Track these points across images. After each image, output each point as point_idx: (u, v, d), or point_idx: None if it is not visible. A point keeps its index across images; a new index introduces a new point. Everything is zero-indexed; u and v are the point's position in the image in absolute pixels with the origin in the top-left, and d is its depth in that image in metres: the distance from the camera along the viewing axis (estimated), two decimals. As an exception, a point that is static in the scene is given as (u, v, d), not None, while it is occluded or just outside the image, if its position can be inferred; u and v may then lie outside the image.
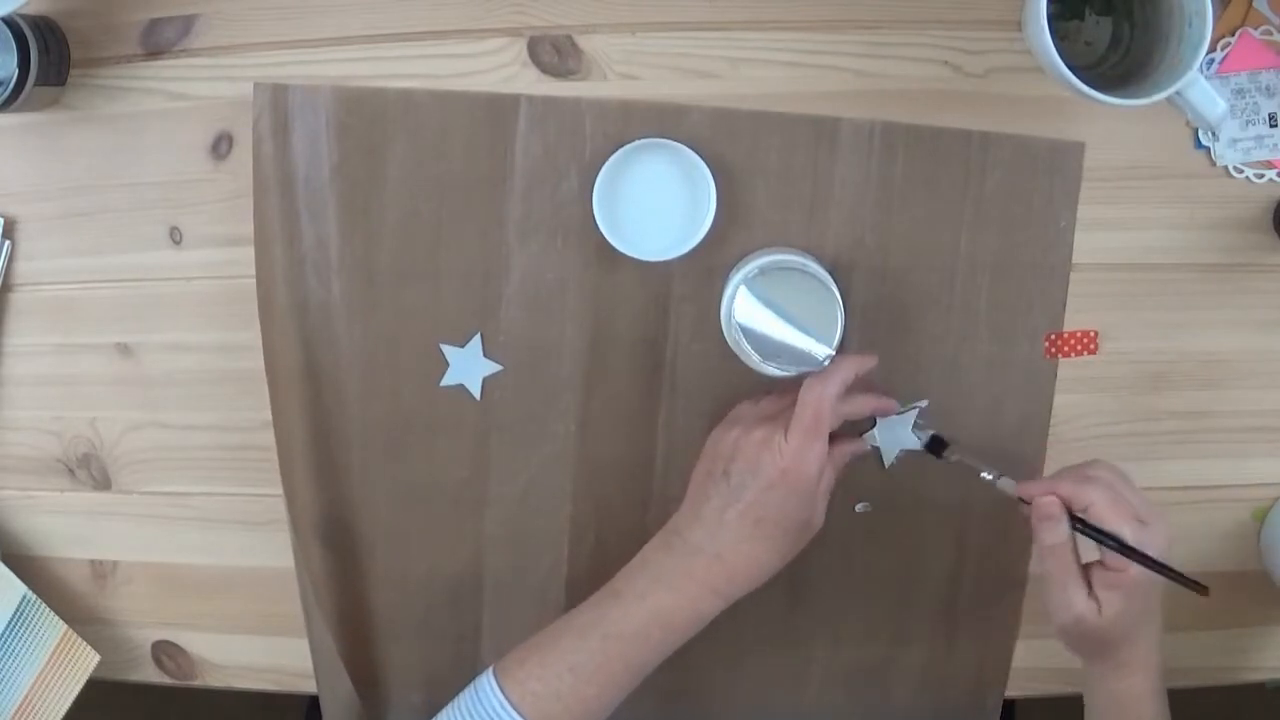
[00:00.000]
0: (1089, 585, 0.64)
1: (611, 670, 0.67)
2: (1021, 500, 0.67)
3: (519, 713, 0.65)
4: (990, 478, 0.68)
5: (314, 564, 0.78)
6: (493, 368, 0.75)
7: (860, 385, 0.69)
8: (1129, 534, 0.62)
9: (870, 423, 0.74)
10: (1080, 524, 0.64)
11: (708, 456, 0.70)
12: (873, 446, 0.75)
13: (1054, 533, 0.64)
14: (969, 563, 0.77)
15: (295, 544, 0.77)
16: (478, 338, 0.75)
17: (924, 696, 0.81)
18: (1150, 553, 0.62)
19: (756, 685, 0.80)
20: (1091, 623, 0.64)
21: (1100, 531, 0.63)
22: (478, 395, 0.76)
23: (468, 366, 0.75)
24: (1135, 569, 0.62)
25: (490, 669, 0.68)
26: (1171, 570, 0.63)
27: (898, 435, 0.75)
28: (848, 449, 0.71)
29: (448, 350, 0.75)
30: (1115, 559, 0.63)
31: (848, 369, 0.67)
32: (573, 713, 0.66)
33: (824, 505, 0.68)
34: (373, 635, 0.80)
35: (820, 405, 0.65)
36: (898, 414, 0.74)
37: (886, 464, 0.76)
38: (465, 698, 0.68)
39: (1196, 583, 0.63)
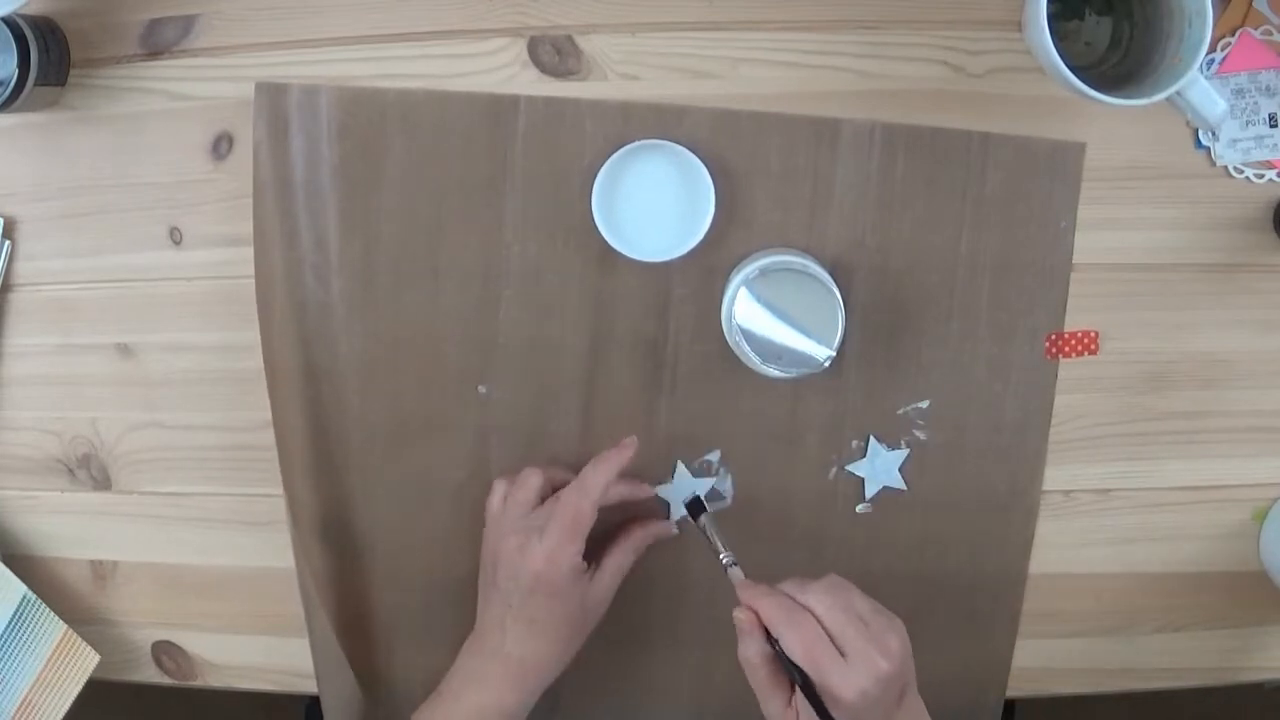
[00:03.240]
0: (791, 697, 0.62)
1: None
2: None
3: None
4: (724, 562, 0.69)
5: (314, 564, 0.78)
6: (719, 503, 0.77)
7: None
8: (818, 672, 0.60)
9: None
10: (772, 643, 0.62)
11: (482, 567, 0.74)
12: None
13: (746, 646, 0.63)
14: (969, 563, 0.77)
15: (295, 544, 0.77)
16: (710, 483, 0.76)
17: (924, 696, 0.81)
18: (841, 692, 0.59)
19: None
20: None
21: (784, 661, 0.61)
22: (672, 517, 0.77)
23: (684, 491, 0.77)
24: (849, 693, 0.59)
25: None
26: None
27: (881, 471, 0.76)
28: (651, 531, 0.75)
29: (680, 470, 0.76)
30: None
31: (608, 474, 0.70)
32: None
33: (606, 591, 0.72)
34: (373, 635, 0.80)
35: (579, 511, 0.69)
36: (696, 478, 0.77)
37: (868, 495, 0.77)
38: None
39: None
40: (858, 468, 0.76)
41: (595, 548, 0.72)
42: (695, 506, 0.73)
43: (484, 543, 0.73)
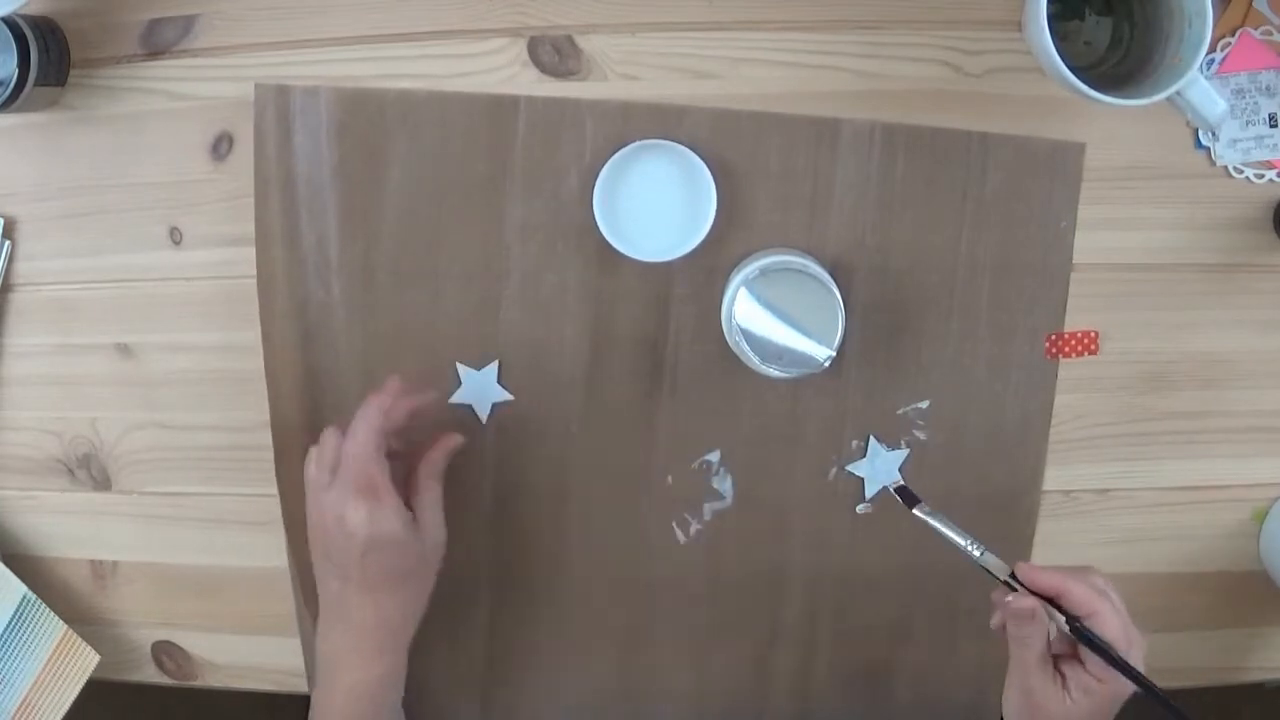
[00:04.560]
0: (1058, 674, 0.61)
1: None
2: (1005, 581, 0.62)
3: None
4: (975, 552, 0.63)
5: (307, 565, 0.78)
6: (504, 396, 0.76)
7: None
8: (1123, 649, 0.60)
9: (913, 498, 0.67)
10: (1074, 623, 0.60)
11: (310, 540, 0.70)
12: (857, 476, 0.76)
13: (1027, 630, 0.61)
14: (969, 563, 0.77)
15: (289, 545, 0.77)
16: (494, 365, 0.75)
17: (924, 696, 0.81)
18: (1137, 659, 0.60)
19: (758, 685, 0.80)
20: (1052, 711, 0.61)
21: (1097, 642, 0.60)
22: (484, 419, 0.76)
23: (480, 390, 0.76)
24: (1119, 685, 0.60)
25: None
26: (1164, 698, 0.59)
27: (880, 476, 0.76)
28: (442, 450, 0.71)
29: (463, 370, 0.75)
30: (1101, 669, 0.60)
31: (370, 414, 0.67)
32: None
33: (434, 530, 0.69)
34: (373, 635, 0.80)
35: (362, 464, 0.66)
36: (889, 450, 0.75)
37: (868, 495, 0.76)
38: None
39: (1178, 710, 0.59)
40: (858, 468, 0.76)
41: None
42: (907, 496, 0.66)
43: (308, 514, 0.70)
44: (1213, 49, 0.71)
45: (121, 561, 0.81)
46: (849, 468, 0.76)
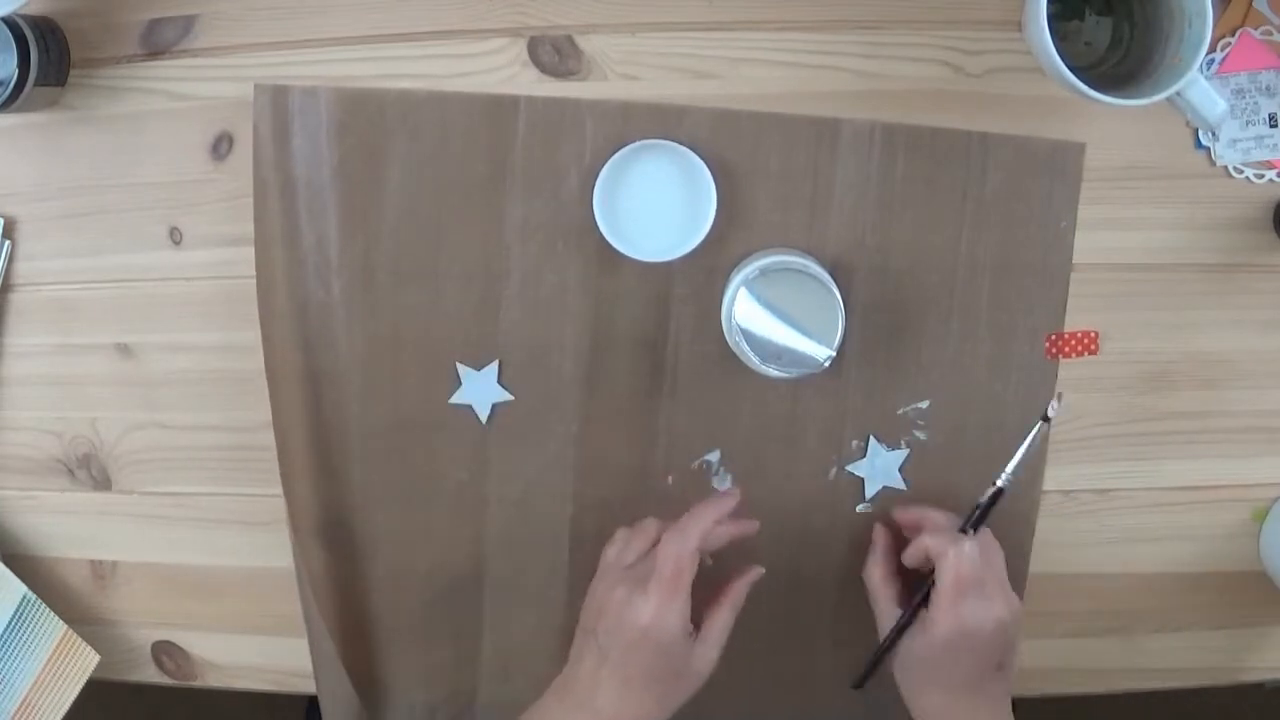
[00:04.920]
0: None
1: None
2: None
3: None
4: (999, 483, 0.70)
5: (314, 564, 0.78)
6: (504, 396, 0.76)
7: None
8: (960, 594, 0.67)
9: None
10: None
11: (584, 612, 0.71)
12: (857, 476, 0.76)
13: (872, 564, 0.73)
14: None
15: (295, 544, 0.77)
16: (494, 365, 0.75)
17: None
18: (980, 619, 0.66)
19: (756, 686, 0.80)
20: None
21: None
22: (484, 420, 0.76)
23: (480, 390, 0.76)
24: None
25: None
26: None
27: (880, 474, 0.76)
28: (747, 581, 0.71)
29: (463, 370, 0.75)
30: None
31: (705, 519, 0.68)
32: None
33: (713, 652, 0.68)
34: (373, 635, 0.80)
35: (680, 562, 0.66)
36: (890, 451, 0.76)
37: (868, 495, 0.76)
38: None
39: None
40: (858, 468, 0.76)
41: (697, 604, 0.69)
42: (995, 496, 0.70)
43: (591, 589, 0.71)
44: (1213, 49, 0.71)
45: (121, 561, 0.81)
46: (849, 468, 0.76)
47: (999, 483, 0.69)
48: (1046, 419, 0.69)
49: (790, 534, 0.77)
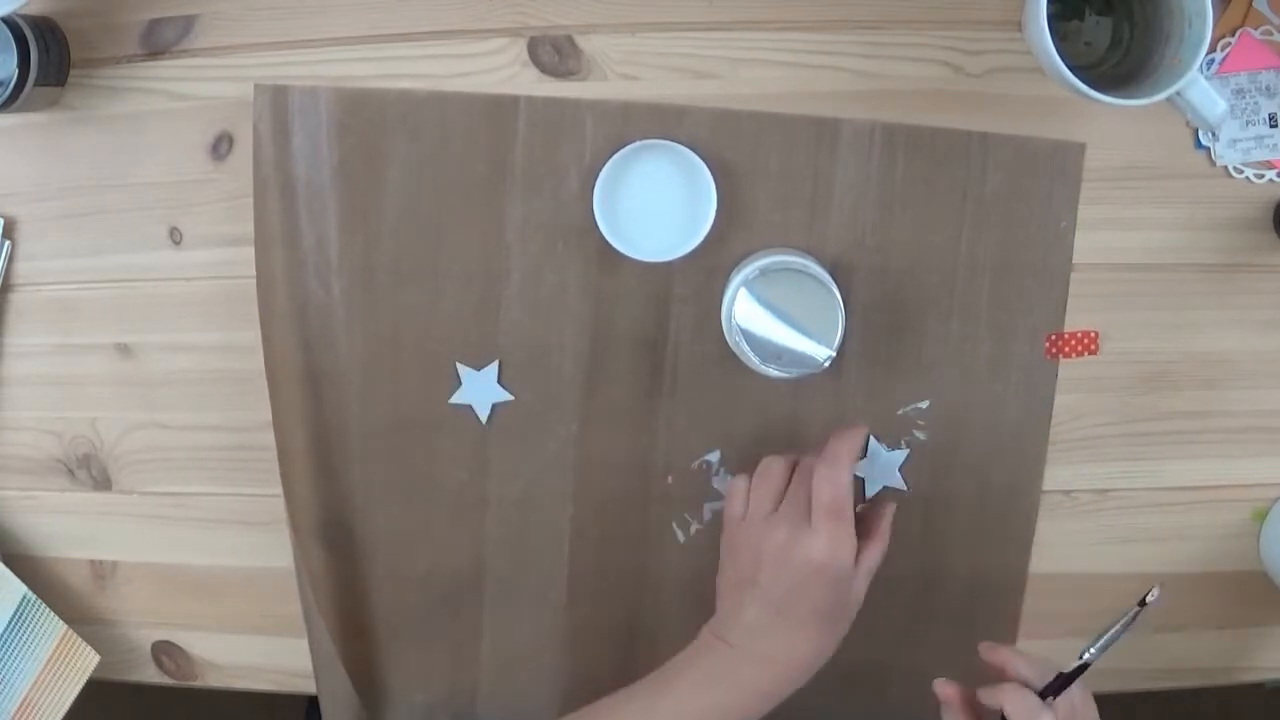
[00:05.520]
0: None
1: None
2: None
3: None
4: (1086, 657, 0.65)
5: (314, 564, 0.78)
6: (504, 396, 0.76)
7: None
8: None
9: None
10: None
11: (730, 566, 0.68)
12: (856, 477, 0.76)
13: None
14: (969, 563, 0.77)
15: (295, 544, 0.77)
16: (494, 365, 0.75)
17: (925, 697, 0.81)
18: None
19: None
20: None
21: None
22: (484, 419, 0.76)
23: (480, 390, 0.76)
24: None
25: None
26: None
27: (881, 473, 0.76)
28: (887, 527, 0.69)
29: (463, 370, 0.75)
30: None
31: (853, 444, 0.66)
32: None
33: (864, 583, 0.67)
34: (373, 635, 0.80)
35: (840, 490, 0.64)
36: (890, 452, 0.76)
37: (867, 495, 0.76)
38: None
39: None
40: (857, 468, 0.76)
41: None
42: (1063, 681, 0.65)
43: (731, 545, 0.68)
44: (1213, 49, 0.71)
45: (121, 561, 0.81)
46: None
47: (1085, 657, 0.65)
48: (1143, 604, 0.64)
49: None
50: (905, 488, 0.76)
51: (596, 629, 0.80)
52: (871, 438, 0.76)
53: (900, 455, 0.76)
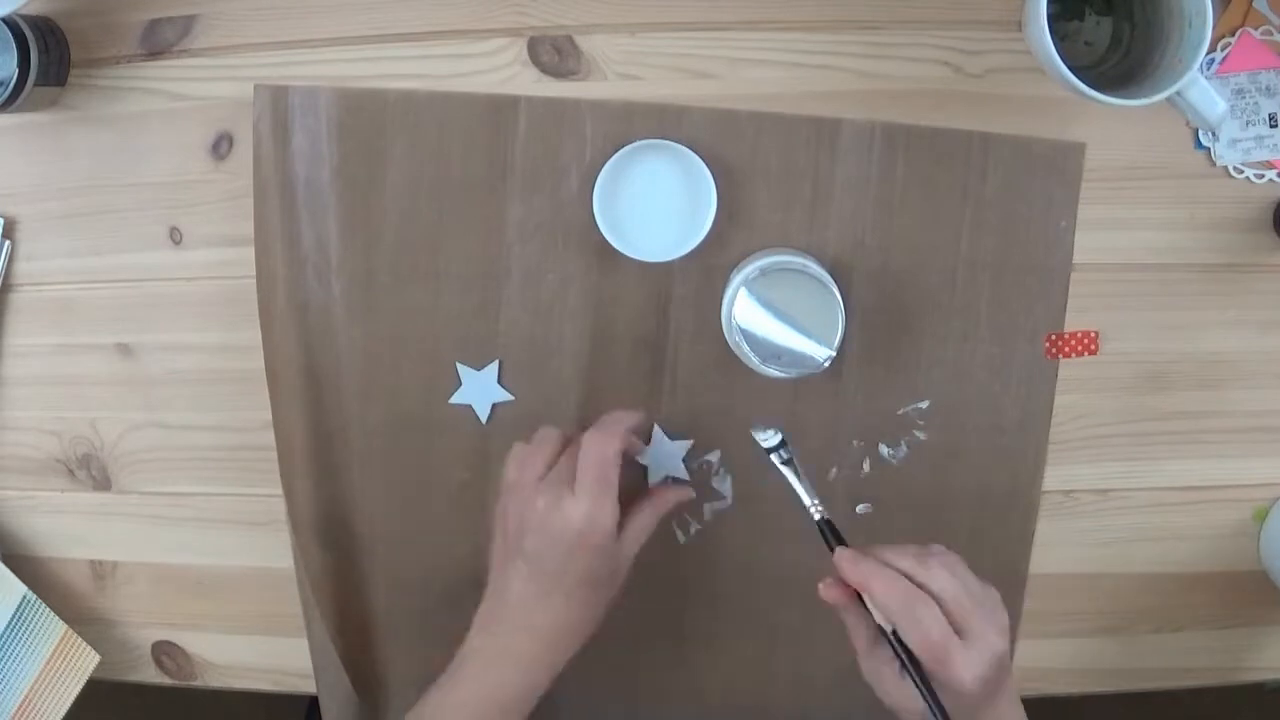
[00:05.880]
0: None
1: None
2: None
3: None
4: (816, 517, 0.63)
5: (313, 564, 0.78)
6: (504, 396, 0.76)
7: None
8: (940, 662, 0.57)
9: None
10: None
11: (499, 535, 0.69)
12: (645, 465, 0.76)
13: (853, 622, 0.61)
14: (969, 563, 0.77)
15: (295, 544, 0.77)
16: (495, 365, 0.75)
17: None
18: (961, 679, 0.56)
19: (758, 685, 0.81)
20: (890, 690, 0.60)
21: (896, 651, 0.58)
22: (484, 419, 0.76)
23: (480, 390, 0.75)
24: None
25: None
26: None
27: (664, 461, 0.76)
28: (672, 497, 0.71)
29: (463, 370, 0.75)
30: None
31: (624, 421, 0.68)
32: None
33: (631, 549, 0.67)
34: (372, 635, 0.80)
35: (605, 459, 0.65)
36: (673, 440, 0.76)
37: (650, 483, 0.76)
38: None
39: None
40: (641, 455, 0.75)
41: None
42: (779, 446, 0.66)
43: (502, 512, 0.68)
44: (1213, 49, 0.71)
45: (121, 561, 0.81)
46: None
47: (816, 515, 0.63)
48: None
49: (790, 534, 0.77)
50: (687, 477, 0.76)
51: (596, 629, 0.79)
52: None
53: (684, 446, 0.76)
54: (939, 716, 0.57)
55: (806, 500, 0.64)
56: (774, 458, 0.66)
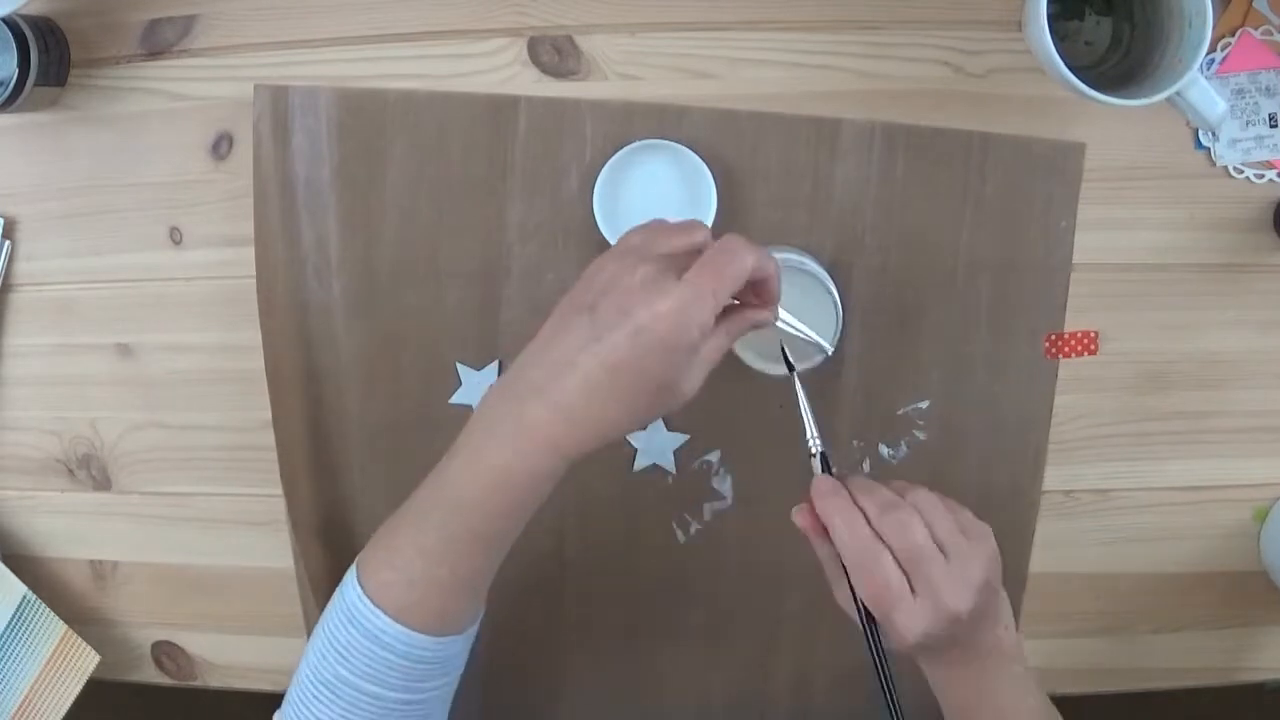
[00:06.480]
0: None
1: (458, 547, 0.57)
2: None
3: (377, 605, 0.57)
4: (812, 449, 0.60)
5: (314, 564, 0.78)
6: None
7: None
8: (883, 615, 0.55)
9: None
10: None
11: (580, 285, 0.57)
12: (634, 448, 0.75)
13: (824, 554, 0.58)
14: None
15: (294, 544, 0.77)
16: (495, 365, 0.75)
17: (926, 696, 0.81)
18: (903, 634, 0.55)
19: (758, 685, 0.80)
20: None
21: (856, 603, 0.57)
22: None
23: (480, 391, 0.75)
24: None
25: (356, 560, 0.61)
26: (885, 675, 0.56)
27: (656, 449, 0.75)
28: (750, 317, 0.58)
29: (462, 370, 0.75)
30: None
31: (771, 257, 0.57)
32: (428, 598, 0.57)
33: (701, 375, 0.56)
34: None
35: (739, 260, 0.54)
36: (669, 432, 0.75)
37: (635, 467, 0.76)
38: (336, 592, 0.61)
39: (893, 704, 0.55)
40: (634, 437, 0.75)
41: None
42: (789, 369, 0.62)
43: (599, 263, 0.57)
44: (1213, 49, 0.71)
45: (121, 561, 0.81)
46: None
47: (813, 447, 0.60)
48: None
49: (790, 534, 0.77)
50: (674, 470, 0.76)
51: (596, 629, 0.80)
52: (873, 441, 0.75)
53: (678, 439, 0.75)
54: (880, 672, 0.55)
55: (811, 431, 0.60)
56: (796, 378, 0.61)
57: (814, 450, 0.60)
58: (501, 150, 0.72)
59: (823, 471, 0.59)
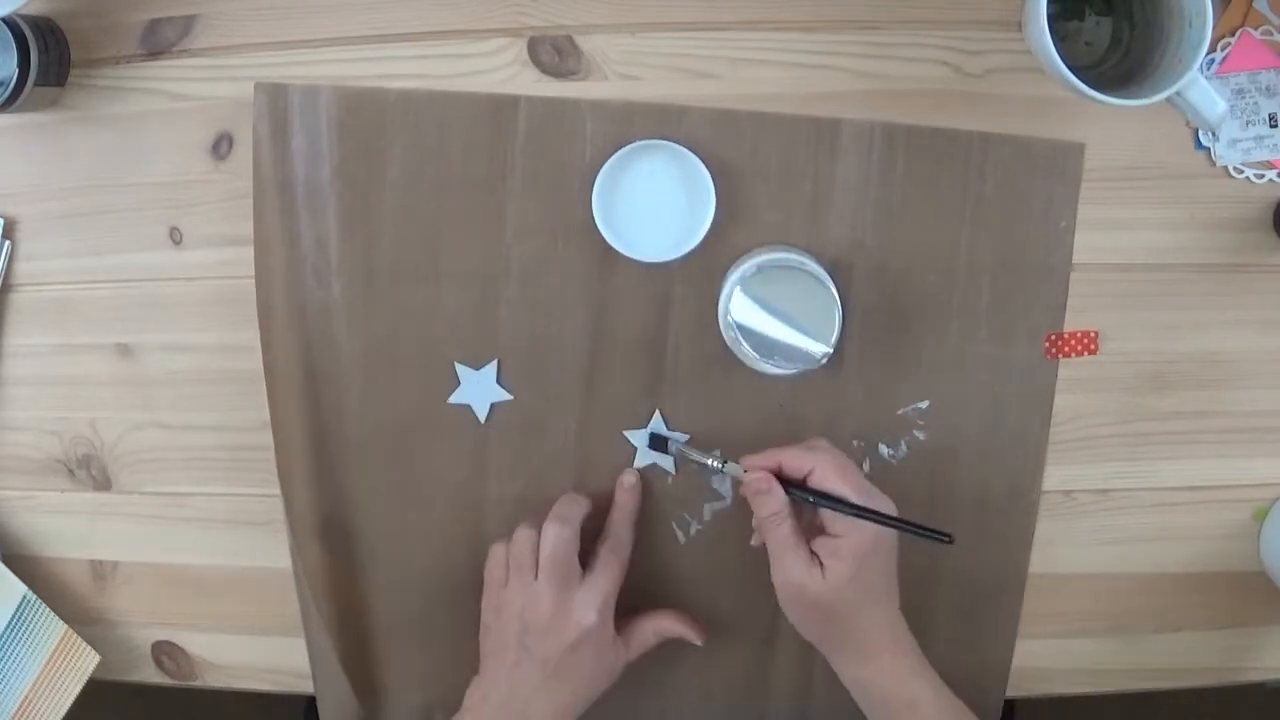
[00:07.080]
0: (812, 555, 0.66)
1: None
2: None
3: None
4: (717, 465, 0.72)
5: (312, 565, 0.78)
6: (503, 396, 0.75)
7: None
8: (853, 497, 0.65)
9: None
10: (801, 489, 0.67)
11: (494, 628, 0.73)
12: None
13: (767, 504, 0.67)
14: (969, 563, 0.77)
15: (293, 545, 0.77)
16: (494, 365, 0.75)
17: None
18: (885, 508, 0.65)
19: (757, 685, 0.80)
20: (813, 590, 0.66)
21: (825, 496, 0.66)
22: (483, 419, 0.76)
23: (479, 390, 0.75)
24: (857, 535, 0.65)
25: None
26: (905, 522, 0.66)
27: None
28: (677, 628, 0.75)
29: (461, 370, 0.75)
30: (837, 524, 0.66)
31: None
32: None
33: (626, 661, 0.74)
34: (371, 635, 0.80)
35: (618, 560, 0.73)
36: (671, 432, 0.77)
37: (636, 463, 0.77)
38: None
39: (938, 532, 0.65)
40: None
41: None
42: (658, 441, 0.75)
43: (496, 611, 0.73)
44: (1213, 49, 0.71)
45: (121, 561, 0.81)
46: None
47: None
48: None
49: (790, 534, 0.77)
50: (674, 471, 0.77)
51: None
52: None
53: (678, 439, 0.76)
54: (875, 517, 0.65)
55: (709, 460, 0.72)
56: (669, 451, 0.75)
57: (720, 466, 0.72)
58: (501, 150, 0.72)
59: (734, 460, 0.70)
